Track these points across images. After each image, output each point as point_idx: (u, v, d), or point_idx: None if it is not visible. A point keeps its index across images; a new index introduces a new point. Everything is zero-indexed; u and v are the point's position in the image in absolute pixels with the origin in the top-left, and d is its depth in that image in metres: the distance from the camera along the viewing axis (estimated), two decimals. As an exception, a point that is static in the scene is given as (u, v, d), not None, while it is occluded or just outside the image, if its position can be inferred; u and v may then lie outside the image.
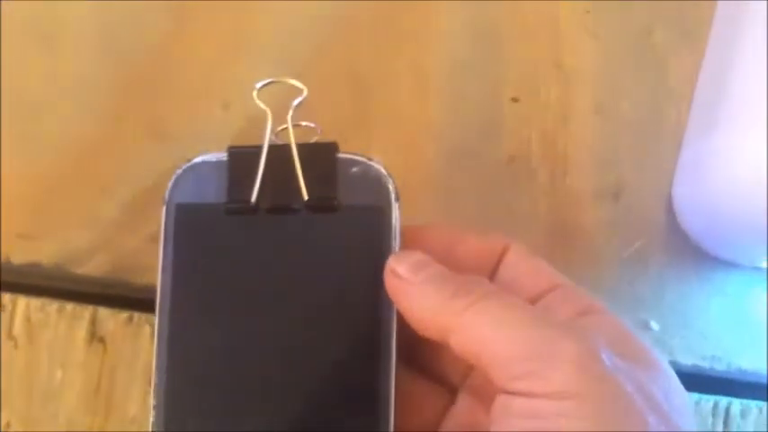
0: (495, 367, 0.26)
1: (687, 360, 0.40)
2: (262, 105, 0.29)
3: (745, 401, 0.39)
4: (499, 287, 0.28)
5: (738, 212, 0.36)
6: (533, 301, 0.29)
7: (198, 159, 0.29)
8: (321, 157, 0.28)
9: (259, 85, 0.29)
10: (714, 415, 0.39)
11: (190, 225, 0.29)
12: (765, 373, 0.39)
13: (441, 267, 0.28)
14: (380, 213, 0.28)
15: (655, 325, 0.40)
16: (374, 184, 0.28)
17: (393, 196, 0.29)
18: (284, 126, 0.29)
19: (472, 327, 0.26)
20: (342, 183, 0.28)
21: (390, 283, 0.28)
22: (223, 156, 0.29)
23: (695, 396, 0.39)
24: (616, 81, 0.42)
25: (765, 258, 0.39)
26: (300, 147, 0.29)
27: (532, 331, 0.25)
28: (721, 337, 0.40)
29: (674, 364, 0.39)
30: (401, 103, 0.42)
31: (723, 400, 0.39)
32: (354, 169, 0.29)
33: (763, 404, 0.39)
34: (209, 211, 0.28)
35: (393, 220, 0.28)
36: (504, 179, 0.41)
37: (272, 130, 0.29)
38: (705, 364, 0.39)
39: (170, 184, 0.29)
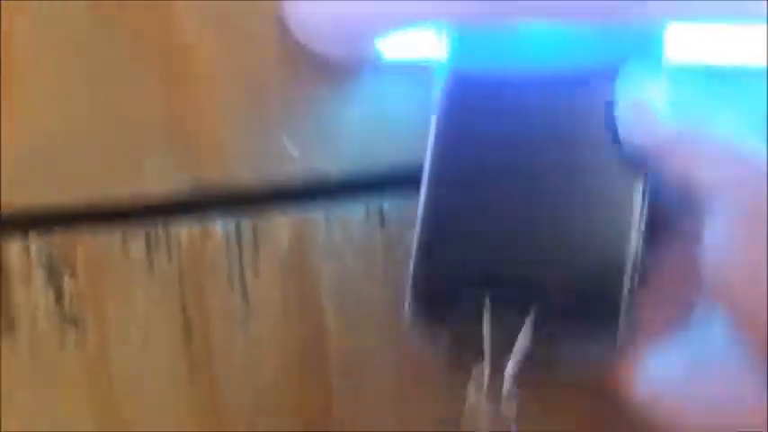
0: None
1: (336, 169, 0.38)
2: None
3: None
4: None
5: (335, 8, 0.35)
6: None
7: None
8: None
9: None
10: (368, 220, 0.38)
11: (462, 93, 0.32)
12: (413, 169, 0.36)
13: None
14: None
15: (293, 150, 0.37)
16: None
17: None
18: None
19: None
20: None
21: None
22: None
23: (351, 207, 0.37)
24: None
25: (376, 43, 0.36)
26: None
27: None
28: (366, 139, 0.38)
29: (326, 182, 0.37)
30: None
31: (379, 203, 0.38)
32: None
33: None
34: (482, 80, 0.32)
35: None
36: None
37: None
38: (355, 169, 0.38)
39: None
